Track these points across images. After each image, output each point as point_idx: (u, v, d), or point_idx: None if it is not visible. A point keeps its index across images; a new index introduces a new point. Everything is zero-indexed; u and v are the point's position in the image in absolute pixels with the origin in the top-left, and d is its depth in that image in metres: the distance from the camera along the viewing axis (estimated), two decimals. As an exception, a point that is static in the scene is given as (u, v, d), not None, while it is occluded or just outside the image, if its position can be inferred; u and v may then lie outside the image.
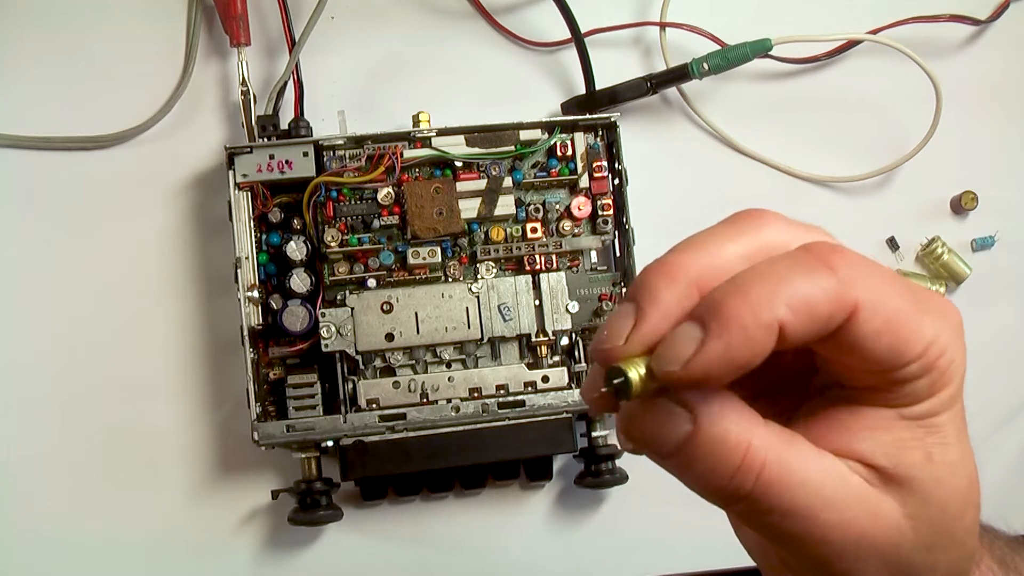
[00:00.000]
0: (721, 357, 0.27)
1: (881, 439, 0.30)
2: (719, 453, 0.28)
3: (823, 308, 0.27)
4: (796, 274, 0.27)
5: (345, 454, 0.58)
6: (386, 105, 0.65)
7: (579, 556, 0.64)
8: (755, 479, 0.28)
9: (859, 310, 0.28)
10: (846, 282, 0.27)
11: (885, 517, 0.29)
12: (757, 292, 0.27)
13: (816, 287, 0.27)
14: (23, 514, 0.61)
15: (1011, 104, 0.71)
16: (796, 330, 0.27)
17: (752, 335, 0.27)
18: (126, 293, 0.63)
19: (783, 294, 0.27)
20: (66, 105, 0.64)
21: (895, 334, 0.28)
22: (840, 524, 0.29)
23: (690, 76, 0.64)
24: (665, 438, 0.28)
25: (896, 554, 0.29)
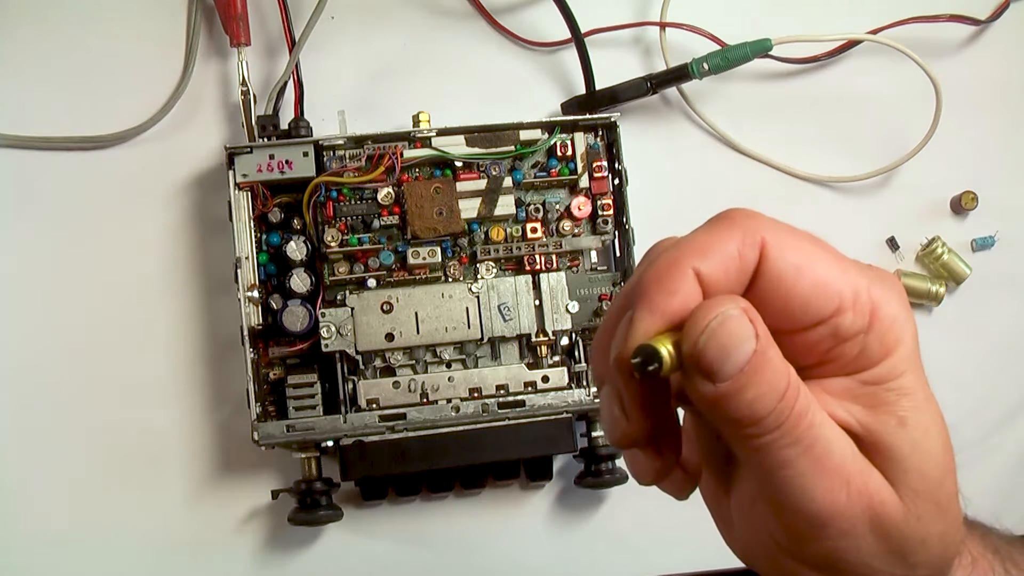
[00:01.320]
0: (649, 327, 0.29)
1: (850, 408, 0.30)
2: (775, 375, 0.28)
3: (728, 247, 0.29)
4: (700, 230, 0.30)
5: (345, 454, 0.58)
6: (386, 105, 0.65)
7: (579, 556, 0.64)
8: (792, 407, 0.28)
9: (767, 245, 0.29)
10: (747, 225, 0.30)
11: (876, 483, 0.30)
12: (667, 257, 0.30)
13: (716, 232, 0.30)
14: (23, 514, 0.61)
15: (1011, 104, 0.71)
16: (714, 272, 0.29)
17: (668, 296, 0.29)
18: (126, 293, 0.63)
19: (695, 247, 0.29)
20: (66, 105, 0.64)
21: (813, 271, 0.29)
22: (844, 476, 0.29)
23: (690, 76, 0.64)
24: (735, 356, 0.28)
25: (886, 523, 0.30)
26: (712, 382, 0.28)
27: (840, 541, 0.29)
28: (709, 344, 0.28)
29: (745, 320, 0.28)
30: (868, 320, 0.30)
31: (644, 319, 0.29)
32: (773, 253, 0.29)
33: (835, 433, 0.29)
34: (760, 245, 0.29)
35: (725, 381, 0.28)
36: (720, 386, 0.28)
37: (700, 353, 0.28)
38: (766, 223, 0.30)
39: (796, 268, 0.29)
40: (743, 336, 0.28)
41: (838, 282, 0.29)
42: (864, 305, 0.30)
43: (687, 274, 0.29)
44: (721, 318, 0.28)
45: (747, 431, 0.29)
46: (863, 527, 0.29)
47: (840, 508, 0.29)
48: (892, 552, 0.30)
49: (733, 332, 0.28)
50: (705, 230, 0.30)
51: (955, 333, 0.68)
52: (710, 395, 0.28)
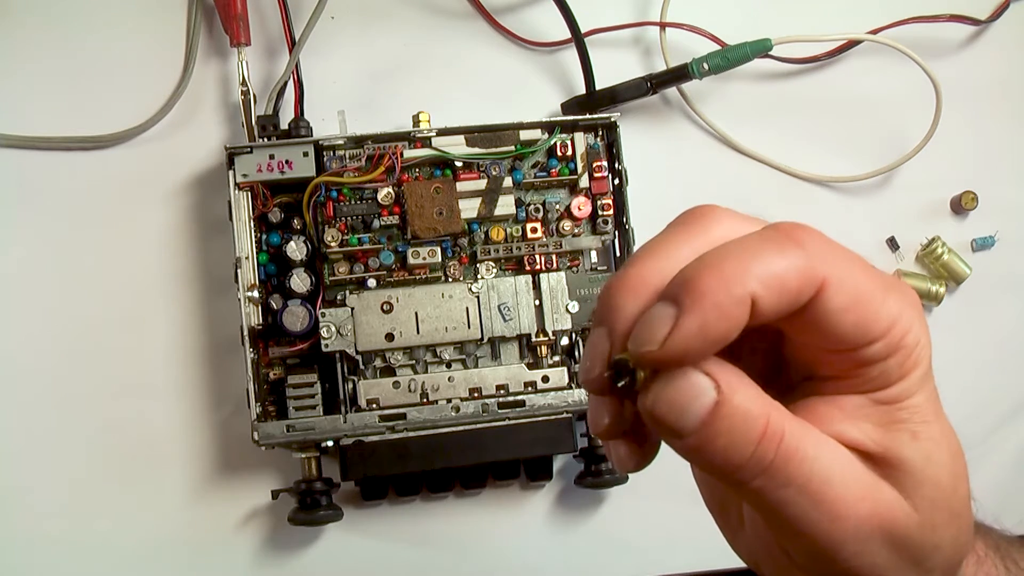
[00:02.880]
0: (697, 333, 0.27)
1: (863, 425, 0.30)
2: (744, 422, 0.28)
3: (793, 282, 0.28)
4: (766, 250, 0.28)
5: (345, 454, 0.58)
6: (386, 105, 0.65)
7: (579, 556, 0.64)
8: (776, 449, 0.28)
9: (826, 286, 0.28)
10: (814, 257, 0.28)
11: (886, 499, 0.30)
12: (729, 267, 0.27)
13: (786, 261, 0.28)
14: (23, 513, 0.61)
15: (1011, 104, 0.71)
16: (768, 304, 0.27)
17: (726, 309, 0.27)
18: (126, 293, 0.63)
19: (755, 269, 0.27)
20: (66, 105, 0.64)
21: (861, 311, 0.29)
22: (850, 502, 0.29)
23: (690, 76, 0.64)
24: (692, 410, 0.27)
25: (901, 535, 0.30)
26: (676, 439, 0.28)
27: (854, 560, 0.29)
28: (657, 405, 0.28)
29: (696, 376, 0.27)
30: (895, 348, 0.29)
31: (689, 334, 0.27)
32: (829, 292, 0.28)
33: (835, 459, 0.29)
34: (819, 284, 0.28)
35: (688, 436, 0.28)
36: (687, 440, 0.28)
37: (652, 415, 0.28)
38: (831, 257, 0.28)
39: (845, 309, 0.29)
40: (696, 391, 0.27)
41: (879, 319, 0.29)
42: (895, 336, 0.29)
43: (746, 298, 0.27)
44: (667, 379, 0.28)
45: (732, 478, 0.28)
46: (876, 543, 0.29)
47: (849, 533, 0.29)
48: (907, 561, 0.30)
49: (682, 390, 0.27)
50: (775, 249, 0.28)
51: (955, 333, 0.68)
52: (680, 448, 0.28)
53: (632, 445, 0.31)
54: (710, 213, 0.31)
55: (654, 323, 0.27)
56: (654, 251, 0.30)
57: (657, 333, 0.27)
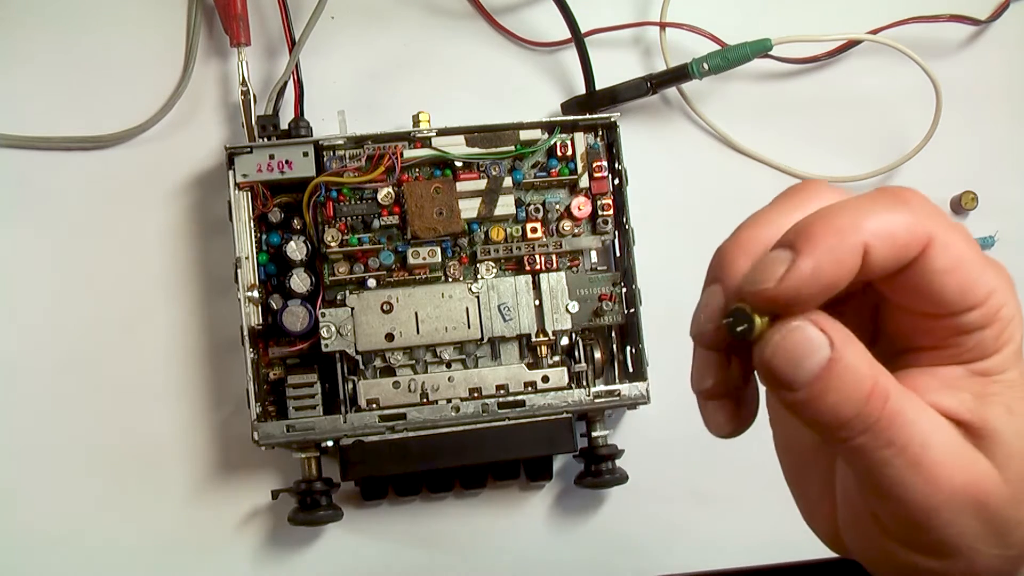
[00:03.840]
0: (811, 275, 0.28)
1: (960, 395, 0.31)
2: (855, 380, 0.29)
3: (902, 236, 0.29)
4: (878, 206, 0.29)
5: (345, 454, 0.58)
6: (386, 105, 0.65)
7: (579, 556, 0.64)
8: (881, 409, 0.29)
9: (932, 244, 0.29)
10: (922, 216, 0.29)
11: (980, 469, 0.30)
12: (843, 219, 0.29)
13: (896, 216, 0.29)
14: (23, 514, 0.61)
15: (1011, 104, 0.71)
16: (879, 255, 0.29)
17: (840, 254, 0.28)
18: (126, 293, 0.63)
19: (866, 222, 0.29)
20: (66, 105, 0.64)
21: (963, 274, 0.30)
22: (946, 470, 0.30)
23: (690, 76, 0.64)
24: (808, 364, 0.29)
25: (991, 507, 0.30)
26: (788, 391, 0.29)
27: (947, 529, 0.30)
28: (776, 356, 0.29)
29: (813, 330, 0.29)
30: (992, 319, 0.31)
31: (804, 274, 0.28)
32: (934, 251, 0.30)
33: (935, 426, 0.30)
34: (926, 242, 0.29)
35: (800, 389, 0.29)
36: (798, 393, 0.29)
37: (768, 366, 0.29)
38: (937, 218, 0.30)
39: (948, 270, 0.30)
40: (812, 346, 0.29)
41: (979, 285, 0.30)
42: (993, 307, 0.30)
43: (857, 246, 0.29)
44: (785, 331, 0.29)
45: (836, 434, 0.29)
46: (968, 513, 0.30)
47: (943, 500, 0.30)
48: (994, 534, 0.31)
49: (799, 343, 0.29)
50: (885, 206, 0.29)
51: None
52: (790, 401, 0.29)
53: (731, 409, 0.32)
54: (815, 187, 0.32)
55: (770, 264, 0.29)
56: (763, 218, 0.32)
57: (774, 272, 0.28)
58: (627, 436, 0.64)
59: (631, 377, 0.62)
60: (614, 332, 0.63)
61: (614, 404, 0.60)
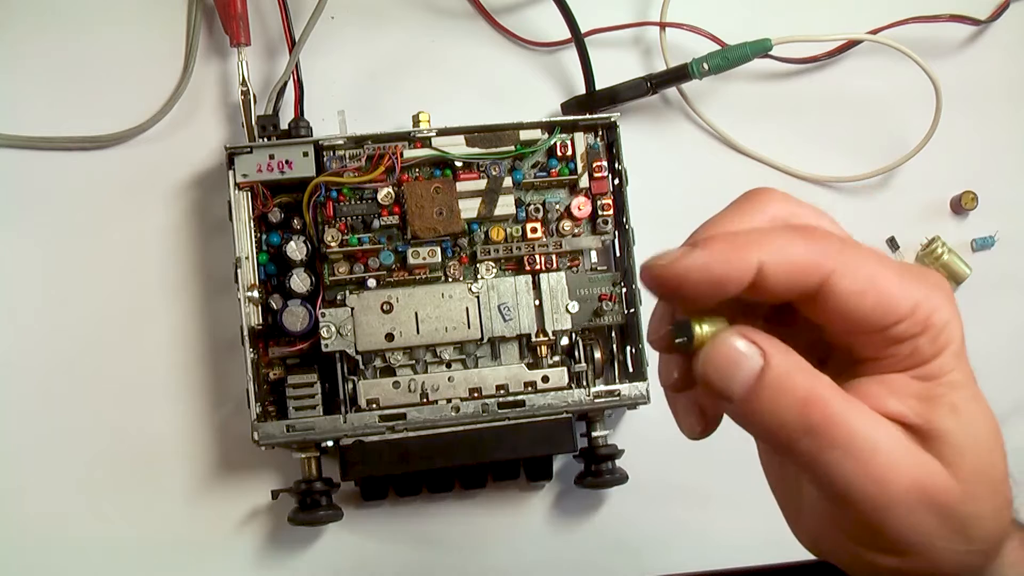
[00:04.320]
0: (701, 266, 0.30)
1: (907, 400, 0.32)
2: (789, 386, 0.30)
3: (799, 262, 0.30)
4: (781, 234, 0.31)
5: (345, 454, 0.58)
6: (386, 105, 0.65)
7: (579, 556, 0.64)
8: (820, 413, 0.30)
9: (834, 272, 0.31)
10: (825, 247, 0.31)
11: (929, 469, 0.31)
12: (745, 237, 0.31)
13: (796, 245, 0.31)
14: (23, 514, 0.61)
15: (1011, 104, 0.71)
16: (775, 275, 0.30)
17: (732, 259, 0.30)
18: (126, 293, 0.63)
19: (767, 244, 0.31)
20: (66, 105, 0.64)
21: (877, 293, 0.31)
22: (894, 468, 0.30)
23: (690, 76, 0.64)
24: (738, 376, 0.30)
25: (944, 503, 0.31)
26: (726, 401, 0.30)
27: (901, 527, 0.31)
28: (707, 368, 0.30)
29: (743, 343, 0.30)
30: (923, 327, 0.31)
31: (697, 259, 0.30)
32: (838, 278, 0.31)
33: (881, 430, 0.31)
34: (827, 271, 0.31)
35: (735, 400, 0.30)
36: (734, 404, 0.30)
37: (703, 378, 0.30)
38: (840, 247, 0.31)
39: (860, 292, 0.31)
40: (743, 358, 0.30)
41: (897, 299, 0.31)
42: (920, 316, 0.31)
43: (751, 260, 0.30)
44: (716, 344, 0.30)
45: (780, 441, 0.30)
46: (921, 512, 0.31)
47: (894, 498, 0.30)
48: (953, 530, 0.31)
49: (730, 356, 0.30)
50: (786, 235, 0.31)
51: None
52: (728, 411, 0.31)
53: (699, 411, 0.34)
54: (766, 195, 0.34)
55: (670, 250, 0.31)
56: (712, 224, 0.33)
57: (669, 255, 0.31)
58: (627, 436, 0.64)
59: (631, 377, 0.62)
60: (614, 332, 0.63)
61: (614, 404, 0.60)
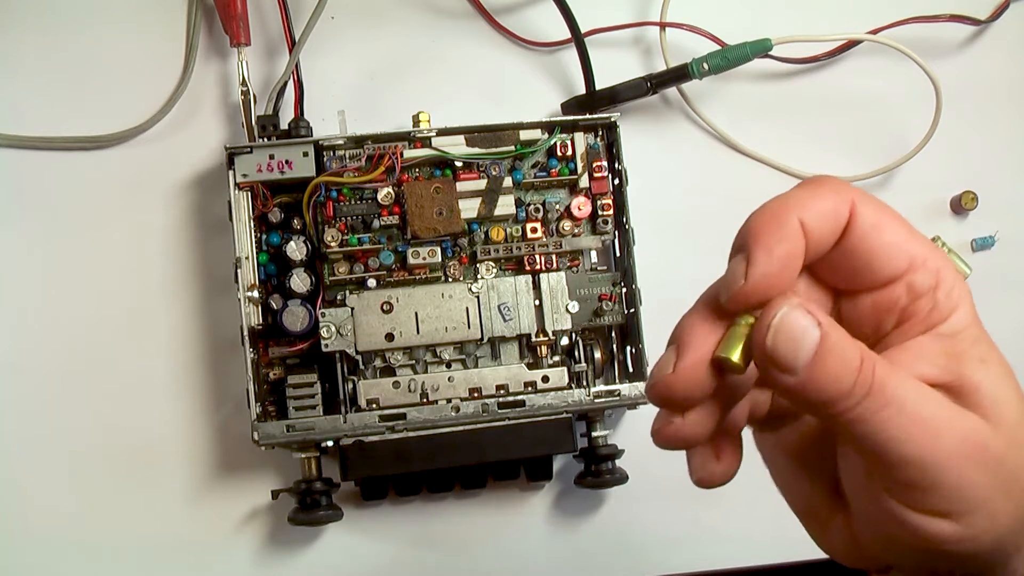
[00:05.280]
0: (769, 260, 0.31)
1: (936, 360, 0.33)
2: (846, 353, 0.31)
3: (829, 204, 0.33)
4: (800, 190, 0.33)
5: (345, 454, 0.58)
6: (386, 105, 0.65)
7: (579, 556, 0.64)
8: (872, 374, 0.31)
9: (855, 206, 0.33)
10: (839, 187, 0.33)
11: (971, 424, 0.32)
12: (774, 205, 0.33)
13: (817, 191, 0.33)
14: (22, 514, 0.61)
15: (1011, 104, 0.71)
16: (816, 225, 0.32)
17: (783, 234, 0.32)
18: (126, 293, 0.63)
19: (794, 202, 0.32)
20: (66, 105, 0.64)
21: (894, 231, 0.33)
22: (947, 423, 0.31)
23: (690, 76, 0.64)
24: (804, 345, 0.31)
25: (992, 456, 0.32)
26: (791, 375, 0.31)
27: (958, 483, 0.31)
28: (777, 342, 0.31)
29: (802, 312, 0.31)
30: (936, 279, 0.33)
31: (761, 261, 0.31)
32: (859, 210, 0.33)
33: (922, 389, 0.32)
34: (850, 204, 0.33)
35: (800, 371, 0.31)
36: (800, 375, 0.31)
37: (772, 352, 0.31)
38: (853, 189, 0.33)
39: (876, 227, 0.33)
40: (805, 327, 0.31)
41: (910, 244, 0.33)
42: (931, 265, 0.33)
43: (794, 222, 0.32)
44: (779, 316, 0.31)
45: (838, 407, 0.31)
46: (973, 467, 0.31)
47: (950, 452, 0.31)
48: (1000, 484, 0.32)
49: (794, 326, 0.31)
50: (805, 188, 0.33)
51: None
52: (793, 385, 0.31)
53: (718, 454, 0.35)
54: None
55: (732, 270, 0.32)
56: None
57: (738, 275, 0.32)
58: (627, 436, 0.64)
59: (631, 377, 0.62)
60: (614, 332, 0.63)
61: (614, 404, 0.60)
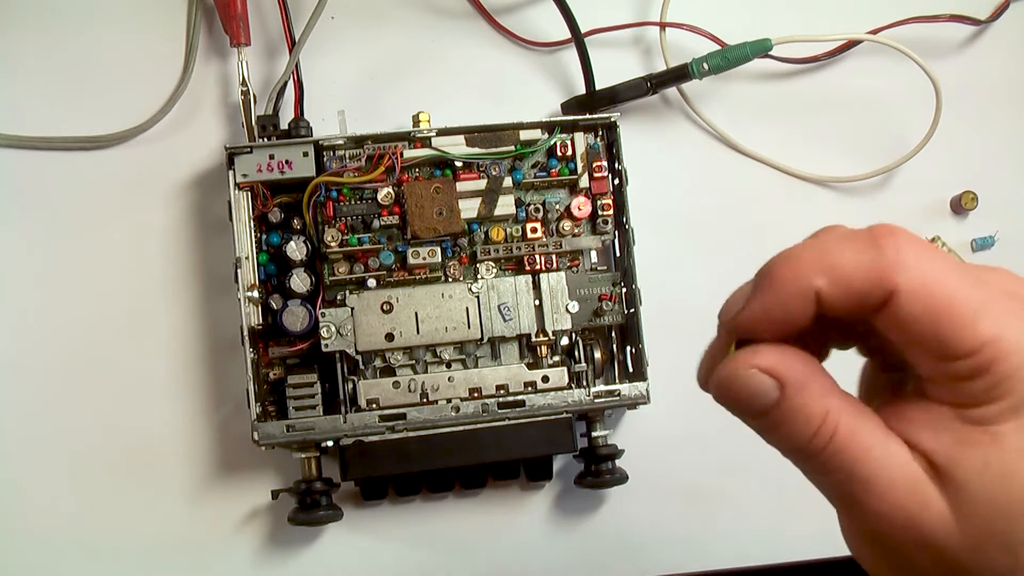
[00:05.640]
0: (761, 313, 0.31)
1: (941, 437, 0.30)
2: (801, 418, 0.31)
3: (859, 284, 0.30)
4: (843, 247, 0.30)
5: (345, 454, 0.58)
6: (386, 105, 0.65)
7: (579, 556, 0.64)
8: (828, 441, 0.31)
9: (898, 293, 0.29)
10: (890, 263, 0.29)
11: (935, 510, 0.30)
12: (804, 259, 0.30)
13: (857, 263, 0.30)
14: (23, 514, 0.61)
15: (1011, 104, 0.71)
16: (833, 300, 0.30)
17: (787, 299, 0.30)
18: (126, 293, 0.63)
19: (824, 264, 0.30)
20: (66, 105, 0.64)
21: (940, 323, 0.29)
22: (893, 502, 0.30)
23: (690, 76, 0.64)
24: (757, 403, 0.31)
25: (942, 548, 0.30)
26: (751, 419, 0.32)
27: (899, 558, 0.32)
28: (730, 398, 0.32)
29: (759, 378, 0.31)
30: (985, 369, 0.29)
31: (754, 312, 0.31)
32: (901, 300, 0.29)
33: (888, 461, 0.31)
34: (889, 290, 0.29)
35: (757, 423, 0.32)
36: (757, 422, 0.32)
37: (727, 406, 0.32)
38: (912, 264, 0.29)
39: (919, 320, 0.29)
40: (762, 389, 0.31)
41: (964, 336, 0.29)
42: (984, 358, 0.29)
43: (807, 292, 0.30)
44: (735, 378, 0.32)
45: (792, 457, 0.32)
46: (915, 549, 0.31)
47: (888, 529, 0.31)
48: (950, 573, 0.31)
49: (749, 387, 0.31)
50: (848, 246, 0.30)
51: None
52: (753, 427, 0.32)
53: None
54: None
55: (735, 298, 0.32)
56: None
57: (733, 308, 0.32)
58: (627, 436, 0.64)
59: (631, 377, 0.62)
60: (614, 332, 0.63)
61: (614, 404, 0.60)
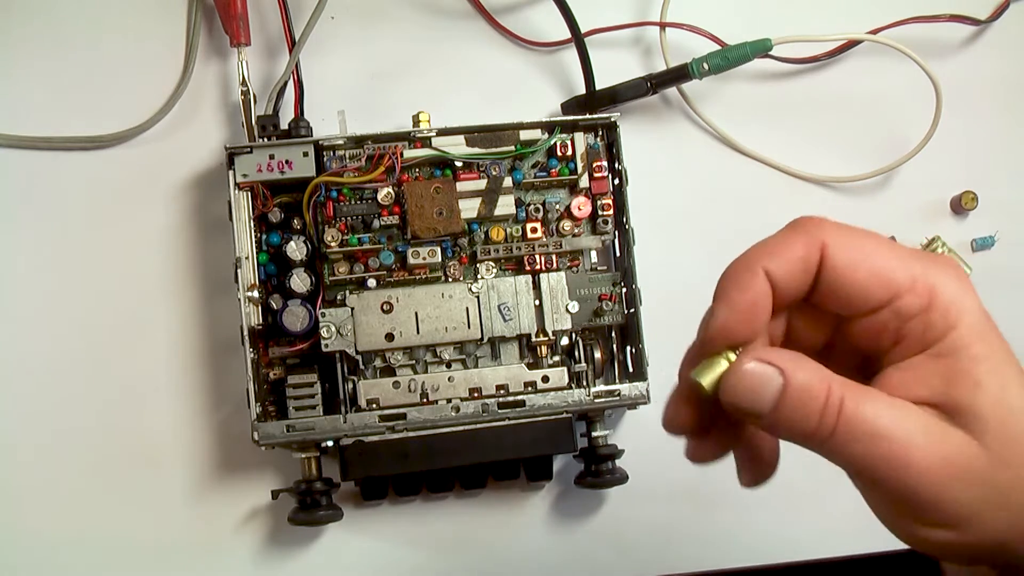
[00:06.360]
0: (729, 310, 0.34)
1: (928, 380, 0.34)
2: (808, 398, 0.33)
3: (795, 250, 0.34)
4: (778, 235, 0.35)
5: (345, 454, 0.58)
6: (386, 105, 0.65)
7: (579, 556, 0.64)
8: (837, 414, 0.33)
9: (827, 246, 0.34)
10: (813, 229, 0.34)
11: (954, 444, 0.33)
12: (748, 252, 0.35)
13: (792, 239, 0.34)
14: (23, 514, 0.61)
15: (1011, 104, 0.71)
16: (782, 273, 0.34)
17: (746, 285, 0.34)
18: (126, 293, 0.63)
19: (766, 249, 0.34)
20: (66, 105, 0.64)
21: (870, 266, 0.34)
22: (917, 451, 0.32)
23: (690, 76, 0.64)
24: (767, 392, 0.33)
25: (977, 474, 0.33)
26: (759, 418, 0.34)
27: (941, 503, 0.33)
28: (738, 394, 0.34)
29: (762, 367, 0.33)
30: (928, 300, 0.34)
31: (721, 311, 0.34)
32: (832, 252, 0.34)
33: (900, 417, 0.33)
34: (821, 247, 0.34)
35: (766, 416, 0.33)
36: (767, 418, 0.33)
37: (736, 404, 0.34)
38: (829, 227, 0.35)
39: (853, 264, 0.34)
40: (766, 377, 0.33)
41: (893, 271, 0.34)
42: (922, 288, 0.34)
43: (757, 272, 0.34)
44: (739, 375, 0.34)
45: (810, 442, 0.33)
46: (957, 485, 0.32)
47: (921, 478, 0.32)
48: (990, 499, 0.33)
49: (754, 379, 0.33)
50: (778, 235, 0.35)
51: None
52: (763, 426, 0.34)
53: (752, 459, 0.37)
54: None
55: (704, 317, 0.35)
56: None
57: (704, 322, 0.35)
58: (627, 436, 0.64)
59: (631, 377, 0.62)
60: (614, 332, 0.63)
61: (614, 404, 0.60)
